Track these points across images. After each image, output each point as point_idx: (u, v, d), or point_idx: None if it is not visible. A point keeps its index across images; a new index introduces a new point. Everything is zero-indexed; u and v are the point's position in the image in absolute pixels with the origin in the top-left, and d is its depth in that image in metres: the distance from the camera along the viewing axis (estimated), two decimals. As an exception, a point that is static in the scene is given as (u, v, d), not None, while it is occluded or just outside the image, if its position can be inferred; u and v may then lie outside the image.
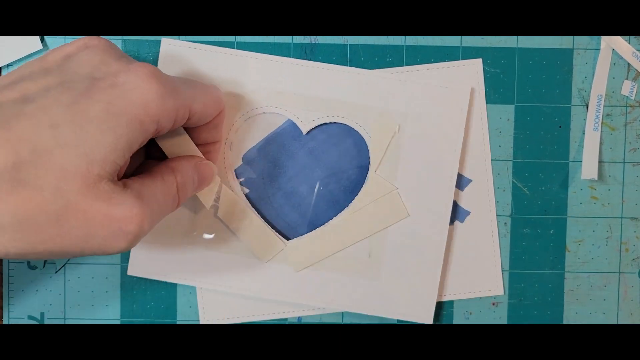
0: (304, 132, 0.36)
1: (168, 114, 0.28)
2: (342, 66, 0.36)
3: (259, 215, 0.36)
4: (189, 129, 0.32)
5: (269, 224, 0.36)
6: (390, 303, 0.36)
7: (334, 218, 0.36)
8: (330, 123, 0.36)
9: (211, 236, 0.36)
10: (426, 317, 0.36)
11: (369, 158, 0.36)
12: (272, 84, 0.36)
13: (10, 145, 0.25)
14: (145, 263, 0.36)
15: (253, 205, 0.36)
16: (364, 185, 0.36)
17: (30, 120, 0.25)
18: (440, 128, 0.36)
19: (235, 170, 0.36)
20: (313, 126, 0.36)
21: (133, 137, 0.27)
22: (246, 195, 0.36)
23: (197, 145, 0.32)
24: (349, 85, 0.36)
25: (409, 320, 0.36)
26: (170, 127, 0.29)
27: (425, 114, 0.36)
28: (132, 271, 0.36)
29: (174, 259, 0.36)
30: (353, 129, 0.36)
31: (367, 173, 0.36)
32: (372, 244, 0.36)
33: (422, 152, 0.36)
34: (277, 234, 0.36)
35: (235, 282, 0.36)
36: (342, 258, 0.36)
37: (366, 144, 0.36)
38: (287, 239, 0.36)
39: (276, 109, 0.36)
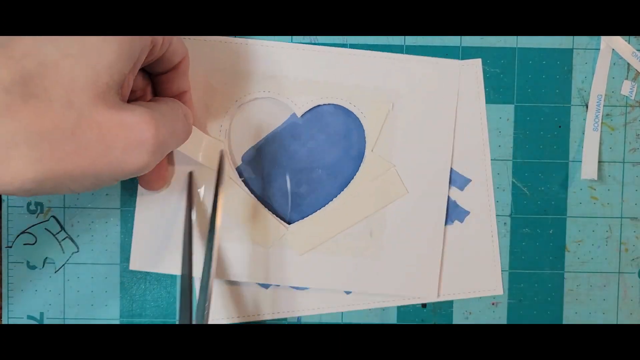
0: (299, 115, 0.36)
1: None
2: (334, 47, 0.36)
3: (259, 202, 0.36)
4: (159, 80, 0.33)
5: (268, 209, 0.36)
6: (394, 281, 0.36)
7: (334, 200, 0.36)
8: (324, 105, 0.36)
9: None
10: (430, 294, 0.36)
11: (365, 137, 0.36)
12: (263, 69, 0.36)
13: (15, 60, 0.24)
14: (146, 257, 0.36)
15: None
16: (361, 164, 0.36)
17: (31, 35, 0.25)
18: (433, 104, 0.36)
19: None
20: (307, 108, 0.36)
21: (134, 44, 0.27)
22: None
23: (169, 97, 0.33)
24: (342, 66, 0.36)
25: (413, 295, 0.36)
26: (160, 43, 0.29)
27: (418, 90, 0.36)
28: (133, 266, 0.36)
29: (175, 251, 0.36)
30: (347, 109, 0.36)
31: (364, 152, 0.36)
32: (372, 223, 0.36)
33: (417, 129, 0.36)
34: (278, 218, 0.36)
35: (238, 270, 0.36)
36: (344, 239, 0.36)
37: (361, 124, 0.36)
38: (287, 225, 0.36)
39: (269, 93, 0.36)
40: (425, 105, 0.36)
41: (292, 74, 0.36)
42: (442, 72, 0.36)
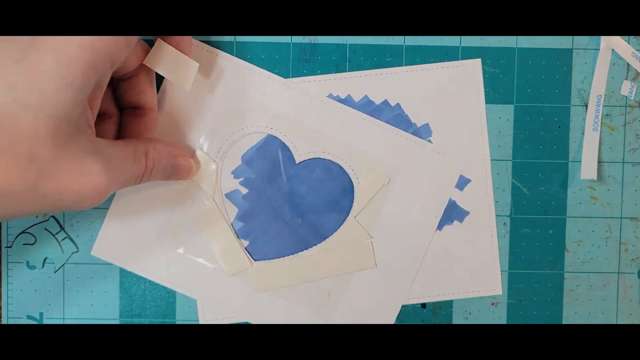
0: (296, 162, 0.36)
1: (116, 44, 0.28)
2: (351, 109, 0.36)
3: (233, 230, 0.36)
4: (121, 88, 0.33)
5: (239, 238, 0.36)
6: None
7: (304, 251, 0.36)
8: (325, 158, 0.36)
9: (180, 250, 0.36)
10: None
11: (352, 202, 0.36)
12: (277, 106, 0.36)
13: None
14: (112, 247, 0.36)
15: (252, 204, 0.36)
16: (341, 226, 0.36)
17: None
18: (428, 190, 0.36)
19: (234, 171, 0.36)
20: (306, 158, 0.36)
21: (91, 84, 0.27)
22: (245, 195, 0.36)
23: (131, 107, 0.33)
24: (352, 127, 0.36)
25: None
26: (124, 54, 0.29)
27: (417, 174, 0.36)
28: (95, 252, 0.36)
29: (142, 250, 0.36)
30: (344, 170, 0.36)
31: (347, 215, 0.36)
32: (334, 283, 0.36)
33: (405, 209, 0.36)
34: (246, 252, 0.36)
35: (196, 285, 0.36)
36: (301, 290, 0.36)
37: (353, 189, 0.36)
38: (253, 260, 0.36)
39: (275, 131, 0.36)
40: (420, 189, 0.36)
41: (304, 119, 0.36)
42: (444, 165, 0.36)
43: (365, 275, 0.36)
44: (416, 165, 0.36)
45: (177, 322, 0.37)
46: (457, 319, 0.37)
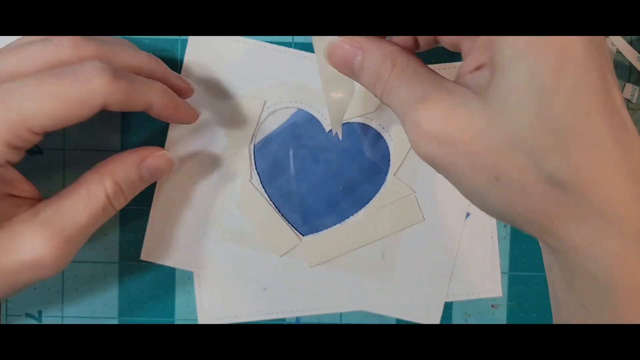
0: (327, 130, 0.36)
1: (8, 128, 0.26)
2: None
3: (276, 209, 0.36)
4: None
5: (284, 217, 0.36)
6: (400, 304, 0.36)
7: (350, 217, 0.36)
8: (353, 122, 0.36)
9: (227, 239, 0.36)
10: (433, 318, 0.37)
11: (389, 160, 0.36)
12: (298, 79, 0.36)
13: None
14: (160, 249, 0.36)
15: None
16: (382, 186, 0.36)
17: None
18: None
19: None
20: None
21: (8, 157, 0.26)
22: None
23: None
24: None
25: (417, 321, 0.36)
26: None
27: None
28: (144, 256, 0.36)
29: (187, 247, 0.36)
30: (376, 130, 0.36)
31: (386, 175, 0.36)
32: (386, 245, 0.36)
33: None
34: (293, 229, 0.36)
35: (249, 274, 0.36)
36: (355, 257, 0.36)
37: (388, 147, 0.36)
38: (301, 236, 0.37)
39: (301, 104, 0.36)
40: None
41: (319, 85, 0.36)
42: None
43: (415, 231, 0.36)
44: None
45: (176, 322, 0.37)
46: (457, 321, 0.37)
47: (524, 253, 0.37)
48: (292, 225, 0.36)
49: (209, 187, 0.36)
